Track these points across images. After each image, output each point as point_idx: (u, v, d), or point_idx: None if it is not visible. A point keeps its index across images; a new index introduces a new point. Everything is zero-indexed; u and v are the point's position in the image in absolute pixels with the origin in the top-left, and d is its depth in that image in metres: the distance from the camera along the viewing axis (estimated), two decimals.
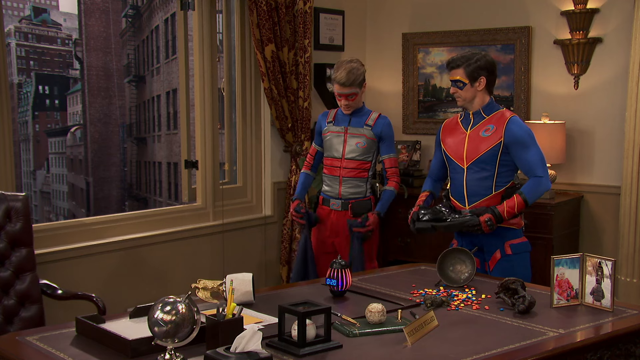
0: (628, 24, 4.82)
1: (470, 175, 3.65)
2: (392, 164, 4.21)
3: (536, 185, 3.57)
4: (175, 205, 5.27)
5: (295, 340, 2.41)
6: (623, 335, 2.73)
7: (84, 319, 2.58)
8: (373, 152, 4.18)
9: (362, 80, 4.13)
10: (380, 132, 4.16)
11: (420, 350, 2.44)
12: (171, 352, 2.21)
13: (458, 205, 3.69)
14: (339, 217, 4.20)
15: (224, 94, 5.28)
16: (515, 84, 5.38)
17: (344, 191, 4.18)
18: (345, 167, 4.17)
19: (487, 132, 3.63)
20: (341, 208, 4.19)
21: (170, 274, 4.73)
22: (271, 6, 4.88)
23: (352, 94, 4.09)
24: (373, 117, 4.19)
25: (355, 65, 4.11)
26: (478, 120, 3.69)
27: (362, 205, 4.17)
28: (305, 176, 4.41)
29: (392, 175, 4.21)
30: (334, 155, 4.21)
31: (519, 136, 3.58)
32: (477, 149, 3.63)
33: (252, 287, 2.97)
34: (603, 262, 2.94)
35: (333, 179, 4.21)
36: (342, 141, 4.18)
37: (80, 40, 20.83)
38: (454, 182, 3.74)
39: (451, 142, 3.75)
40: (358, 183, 4.17)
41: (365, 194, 4.19)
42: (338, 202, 4.19)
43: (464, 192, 3.68)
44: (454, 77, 3.68)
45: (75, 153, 21.60)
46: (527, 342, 2.53)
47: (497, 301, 3.01)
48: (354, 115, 4.20)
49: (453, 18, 5.66)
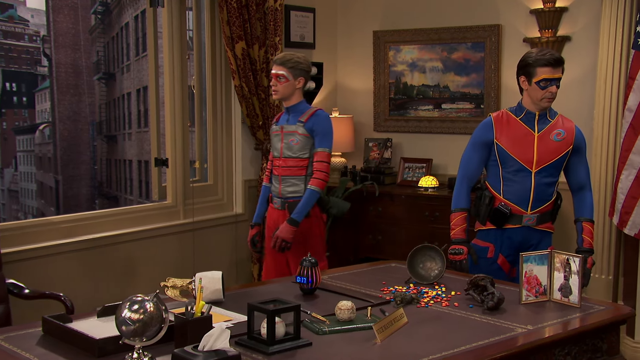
0: (596, 23, 4.87)
1: (539, 179, 3.53)
2: (320, 158, 4.04)
3: (592, 202, 3.69)
4: (146, 204, 5.23)
5: (264, 338, 2.39)
6: (590, 330, 2.75)
7: (51, 318, 2.55)
8: (309, 148, 4.07)
9: (299, 72, 4.01)
10: (312, 126, 4.04)
11: (389, 348, 2.44)
12: (139, 351, 2.19)
13: (518, 210, 3.57)
14: (279, 215, 4.15)
15: (195, 91, 5.25)
16: (486, 81, 5.42)
17: (283, 190, 4.11)
18: (282, 165, 4.11)
19: (558, 136, 3.55)
20: (281, 207, 4.14)
21: (141, 273, 4.70)
22: (241, 3, 4.86)
23: (282, 75, 3.98)
24: (308, 113, 4.07)
25: (296, 54, 4.06)
26: (544, 121, 3.57)
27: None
28: (265, 190, 4.33)
29: (317, 170, 4.03)
30: (275, 155, 4.17)
31: (583, 145, 3.62)
32: (551, 153, 3.53)
33: (221, 286, 2.95)
34: (571, 258, 2.97)
35: (275, 178, 4.16)
36: (280, 140, 4.13)
37: (49, 36, 20.61)
38: (514, 185, 3.56)
39: (514, 142, 3.55)
40: (295, 181, 4.08)
41: (304, 192, 4.06)
42: (279, 200, 4.14)
43: (530, 197, 3.55)
44: (558, 74, 3.47)
45: (44, 151, 21.38)
46: (495, 339, 2.54)
47: (466, 298, 3.02)
48: (292, 113, 4.10)
49: (424, 16, 5.68)
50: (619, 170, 4.49)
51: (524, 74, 3.51)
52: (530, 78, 3.47)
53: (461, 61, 5.53)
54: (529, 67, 3.48)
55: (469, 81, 5.51)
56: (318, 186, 4.03)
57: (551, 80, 3.44)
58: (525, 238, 3.60)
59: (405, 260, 3.35)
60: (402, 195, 5.36)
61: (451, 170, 5.59)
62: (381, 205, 5.43)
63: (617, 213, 4.51)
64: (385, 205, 5.41)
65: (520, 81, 3.54)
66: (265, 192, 4.30)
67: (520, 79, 3.54)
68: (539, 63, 3.44)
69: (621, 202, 4.47)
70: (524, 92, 3.56)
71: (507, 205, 3.56)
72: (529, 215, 3.56)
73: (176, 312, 2.41)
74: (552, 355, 2.62)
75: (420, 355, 2.35)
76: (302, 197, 4.04)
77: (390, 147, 5.77)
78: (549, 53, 3.47)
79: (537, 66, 3.45)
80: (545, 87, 3.45)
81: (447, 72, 5.61)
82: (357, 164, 5.91)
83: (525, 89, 3.53)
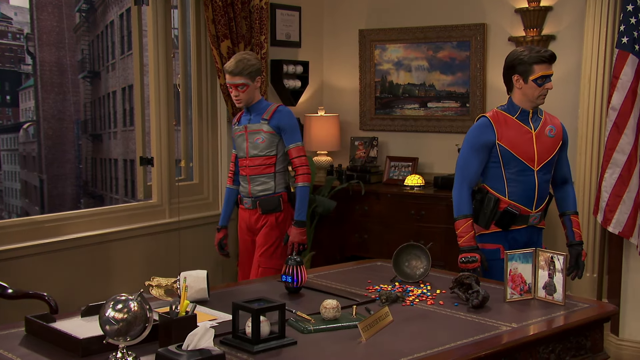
0: (580, 22, 4.90)
1: (541, 177, 3.52)
2: (296, 154, 4.06)
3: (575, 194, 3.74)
4: (131, 203, 5.21)
5: (249, 337, 2.40)
6: (574, 328, 2.77)
7: (34, 318, 2.54)
8: (275, 145, 4.06)
9: (255, 73, 3.98)
10: (278, 123, 4.03)
11: (374, 346, 2.45)
12: (123, 351, 2.19)
13: (525, 210, 3.52)
14: (251, 215, 4.15)
15: (180, 90, 5.23)
16: (471, 80, 5.43)
17: (252, 189, 4.10)
18: (249, 165, 4.09)
19: (551, 132, 3.54)
20: (252, 206, 4.13)
21: (126, 272, 4.68)
22: (227, 2, 4.84)
23: (242, 84, 3.96)
24: (270, 110, 4.05)
25: (247, 56, 4.01)
26: (537, 119, 3.55)
27: (270, 202, 4.09)
28: (229, 193, 4.33)
29: (298, 166, 4.06)
30: (241, 155, 4.14)
31: (567, 139, 3.64)
32: (548, 150, 3.53)
33: (206, 285, 2.95)
34: (555, 256, 2.99)
35: (243, 179, 4.15)
36: (244, 140, 4.10)
37: (32, 34, 20.48)
38: (519, 186, 3.51)
39: (515, 142, 3.49)
40: (265, 179, 4.08)
41: (275, 190, 4.09)
42: (249, 200, 4.13)
43: (534, 195, 3.53)
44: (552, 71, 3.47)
45: (29, 150, 21.26)
46: (480, 337, 2.55)
47: (451, 296, 3.03)
48: (253, 112, 4.08)
49: (409, 15, 5.69)
50: (603, 169, 4.52)
51: (518, 72, 3.45)
52: (527, 76, 3.43)
53: (447, 60, 5.55)
54: (524, 65, 3.43)
55: (455, 80, 5.52)
56: (305, 181, 4.07)
57: (547, 77, 3.43)
58: (530, 237, 3.58)
59: (391, 259, 3.37)
60: (388, 193, 5.37)
61: (437, 168, 5.60)
62: (367, 203, 5.43)
63: (601, 211, 4.54)
64: (371, 204, 5.42)
65: (514, 80, 3.48)
66: (230, 194, 4.31)
67: (513, 78, 3.48)
68: (536, 60, 3.41)
69: (605, 201, 4.50)
70: (517, 91, 3.50)
71: (516, 207, 3.50)
72: (534, 214, 3.54)
73: (160, 312, 2.41)
74: (537, 352, 2.64)
75: (405, 353, 2.36)
76: (273, 193, 4.08)
77: (376, 145, 5.78)
78: (543, 50, 3.46)
79: (534, 64, 3.41)
80: (542, 84, 3.43)
81: (433, 70, 5.62)
82: (343, 162, 5.91)
83: (519, 87, 3.47)
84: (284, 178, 4.14)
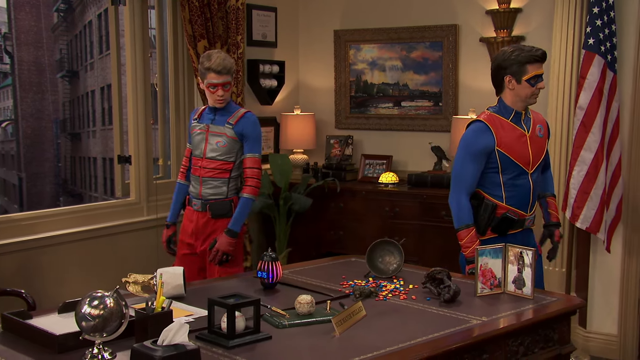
0: (549, 23, 4.96)
1: (534, 179, 3.47)
2: (251, 164, 3.94)
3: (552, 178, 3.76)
4: (110, 201, 5.22)
5: (224, 332, 2.43)
6: (542, 321, 2.83)
7: (11, 315, 2.55)
8: (235, 152, 3.94)
9: (233, 73, 3.91)
10: (242, 130, 3.91)
11: (347, 340, 2.48)
12: (99, 347, 2.21)
13: (522, 214, 3.45)
14: (199, 217, 4.00)
15: (157, 89, 5.26)
16: (444, 80, 5.50)
17: (204, 191, 3.96)
18: (205, 166, 3.95)
19: (540, 132, 3.51)
20: (201, 209, 3.98)
21: (105, 269, 4.69)
22: (203, 2, 4.87)
23: (227, 83, 3.85)
24: (237, 115, 3.93)
25: (226, 54, 3.90)
26: (527, 119, 3.49)
27: (221, 206, 3.95)
28: (180, 188, 4.15)
29: (249, 177, 3.94)
30: (197, 154, 4.00)
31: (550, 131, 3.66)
32: (540, 151, 3.49)
33: (183, 281, 2.99)
34: (524, 252, 3.04)
35: (195, 179, 4.01)
36: (204, 139, 3.96)
37: (10, 34, 20.33)
38: (515, 190, 3.43)
39: (513, 146, 3.42)
40: (218, 184, 3.94)
41: (227, 194, 3.96)
42: (198, 202, 3.98)
43: (530, 198, 3.47)
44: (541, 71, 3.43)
45: (7, 148, 21.11)
46: (451, 330, 2.60)
47: (424, 291, 3.07)
48: (218, 112, 3.96)
49: (383, 15, 5.75)
50: (571, 166, 4.60)
51: (511, 72, 3.39)
52: (520, 76, 3.37)
53: (420, 60, 5.61)
54: (517, 65, 3.37)
55: (428, 79, 5.59)
56: (252, 194, 3.94)
57: (539, 76, 3.40)
58: (525, 240, 3.49)
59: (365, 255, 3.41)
60: (362, 191, 5.42)
61: (411, 166, 5.66)
62: (342, 201, 5.48)
63: (569, 207, 4.62)
64: (347, 201, 5.47)
65: (505, 81, 3.42)
66: (181, 189, 4.13)
67: (505, 79, 3.41)
68: (529, 60, 3.37)
69: (573, 197, 4.58)
70: (508, 92, 3.44)
71: (514, 212, 3.43)
72: (529, 217, 3.51)
73: (137, 308, 2.43)
74: (506, 345, 2.69)
75: (378, 347, 2.40)
76: (224, 198, 3.96)
77: (351, 144, 5.83)
78: (534, 49, 3.41)
79: (527, 63, 3.36)
80: (535, 84, 3.39)
81: (407, 70, 5.68)
82: (318, 160, 5.96)
83: (511, 88, 3.41)
84: (237, 184, 4.02)
